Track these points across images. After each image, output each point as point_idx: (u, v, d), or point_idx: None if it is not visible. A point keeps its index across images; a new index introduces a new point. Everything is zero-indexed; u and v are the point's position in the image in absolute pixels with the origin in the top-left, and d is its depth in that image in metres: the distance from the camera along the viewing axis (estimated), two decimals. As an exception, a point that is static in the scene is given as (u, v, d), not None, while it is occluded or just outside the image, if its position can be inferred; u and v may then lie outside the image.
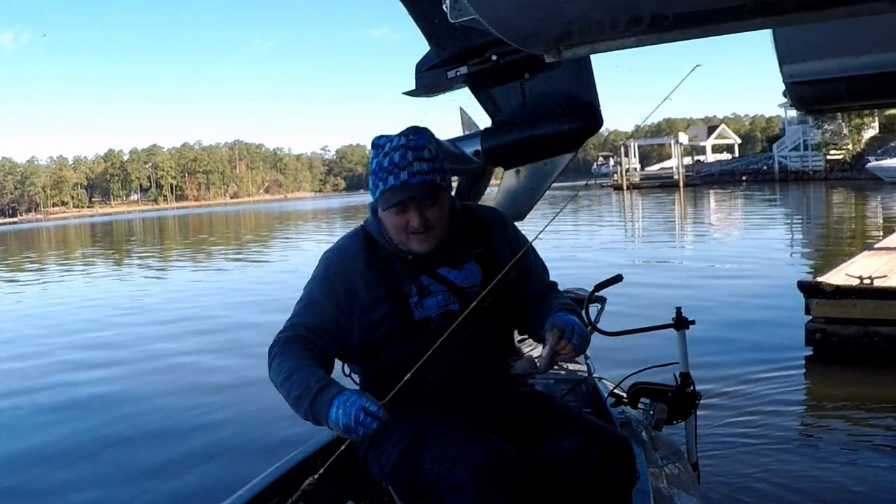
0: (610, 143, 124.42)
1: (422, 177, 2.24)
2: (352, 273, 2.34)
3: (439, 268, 2.34)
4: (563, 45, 1.92)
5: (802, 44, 3.76)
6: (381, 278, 2.32)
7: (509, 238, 2.49)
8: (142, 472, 5.62)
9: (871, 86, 3.97)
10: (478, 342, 2.32)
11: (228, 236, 41.28)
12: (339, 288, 2.33)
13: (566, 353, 2.21)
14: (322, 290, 2.36)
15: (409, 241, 2.30)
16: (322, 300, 2.35)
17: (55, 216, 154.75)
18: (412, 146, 2.25)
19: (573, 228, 26.98)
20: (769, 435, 5.36)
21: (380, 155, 2.28)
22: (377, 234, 2.38)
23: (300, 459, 2.74)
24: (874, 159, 48.68)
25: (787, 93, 4.23)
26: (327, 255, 2.44)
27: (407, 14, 3.71)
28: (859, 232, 20.73)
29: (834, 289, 7.34)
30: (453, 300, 2.31)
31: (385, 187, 2.25)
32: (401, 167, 2.23)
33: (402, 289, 2.31)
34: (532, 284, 2.49)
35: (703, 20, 1.74)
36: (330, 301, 2.33)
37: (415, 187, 2.23)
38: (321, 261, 2.44)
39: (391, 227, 2.31)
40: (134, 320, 13.14)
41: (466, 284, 2.34)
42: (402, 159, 2.24)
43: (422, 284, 2.32)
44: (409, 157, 2.24)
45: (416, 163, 2.24)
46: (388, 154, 2.26)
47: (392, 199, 2.24)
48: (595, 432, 2.29)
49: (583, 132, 3.65)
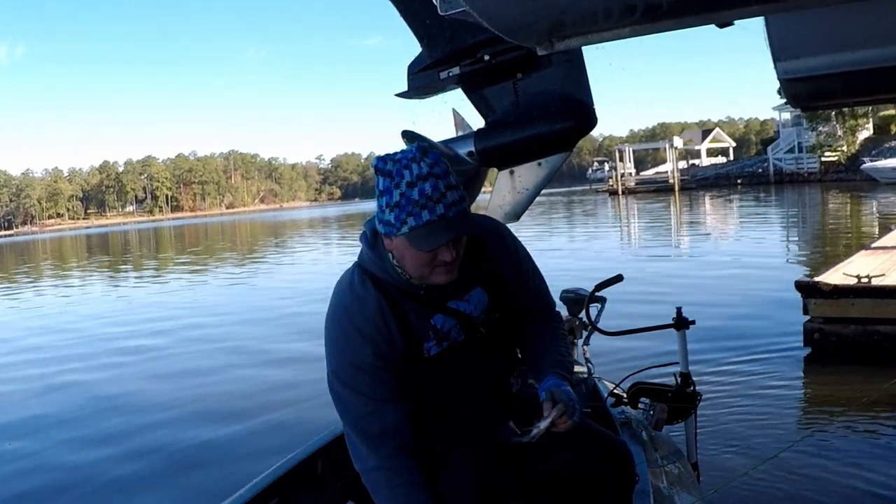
0: (605, 148, 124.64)
1: (456, 208, 2.01)
2: (383, 324, 2.13)
3: (449, 300, 2.19)
4: (555, 37, 1.88)
5: (796, 39, 3.74)
6: (395, 324, 2.13)
7: (510, 254, 2.33)
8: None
9: (867, 81, 3.95)
10: (480, 369, 2.25)
11: (253, 244, 41.22)
12: (379, 340, 2.11)
13: (564, 427, 2.08)
14: (367, 352, 2.12)
15: (431, 276, 2.08)
16: (373, 363, 2.12)
17: (51, 228, 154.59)
18: (438, 174, 2.00)
19: (571, 232, 26.99)
20: (769, 435, 5.33)
21: (402, 185, 1.99)
22: (381, 273, 2.15)
23: (300, 459, 2.71)
24: (869, 160, 48.77)
25: (782, 90, 4.20)
26: (345, 313, 2.16)
27: (400, 23, 3.70)
28: (855, 232, 20.74)
29: (832, 288, 7.32)
30: (460, 333, 2.20)
31: (418, 223, 1.97)
32: (434, 200, 1.98)
33: (416, 334, 2.15)
34: (528, 296, 2.36)
35: (698, 8, 1.71)
36: (381, 358, 2.12)
37: (453, 222, 2.00)
38: (339, 324, 2.16)
39: (413, 262, 2.06)
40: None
41: (477, 313, 2.23)
42: (434, 190, 1.98)
43: (436, 328, 2.17)
44: (441, 186, 1.99)
45: (448, 193, 1.99)
46: (416, 185, 1.98)
47: (433, 237, 1.99)
48: (590, 441, 2.23)
49: (577, 131, 3.63)
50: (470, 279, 2.20)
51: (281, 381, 8.27)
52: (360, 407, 2.13)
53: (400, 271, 2.12)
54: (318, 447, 2.78)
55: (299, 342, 10.29)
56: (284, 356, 9.70)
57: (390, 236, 2.05)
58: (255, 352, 10.31)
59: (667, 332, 3.42)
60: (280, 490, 2.56)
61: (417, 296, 2.16)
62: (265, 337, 11.35)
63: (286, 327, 11.90)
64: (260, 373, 8.92)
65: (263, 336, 11.44)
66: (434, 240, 1.99)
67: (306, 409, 6.76)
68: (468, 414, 2.26)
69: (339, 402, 2.15)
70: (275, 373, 8.80)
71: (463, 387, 2.22)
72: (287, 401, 7.36)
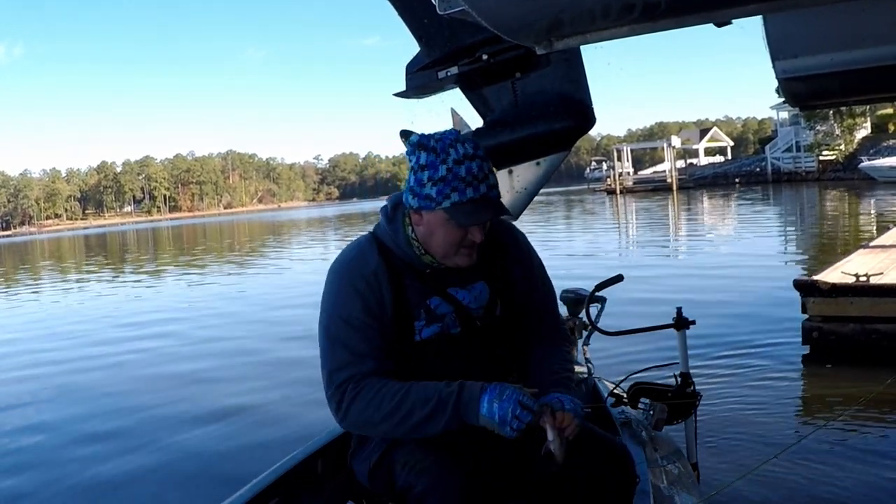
0: (603, 148, 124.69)
1: (496, 191, 2.11)
2: (377, 285, 2.16)
3: (450, 286, 2.21)
4: (554, 36, 1.87)
5: (795, 39, 3.73)
6: (389, 292, 2.16)
7: (522, 258, 2.35)
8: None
9: (865, 80, 3.95)
10: (476, 364, 2.22)
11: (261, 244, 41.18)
12: (369, 298, 2.14)
13: (569, 424, 2.06)
14: (356, 306, 2.15)
15: (455, 256, 2.14)
16: (362, 318, 2.14)
17: (49, 229, 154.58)
18: (482, 156, 2.09)
19: (569, 231, 27.00)
20: (768, 434, 5.33)
21: (448, 161, 2.05)
22: (392, 244, 2.20)
23: (300, 459, 2.70)
24: (867, 159, 48.83)
25: (781, 89, 4.20)
26: (345, 267, 2.22)
27: (398, 23, 3.69)
28: (853, 231, 20.76)
29: (830, 287, 7.31)
30: (456, 324, 2.21)
31: (462, 199, 2.04)
32: (479, 179, 2.06)
33: (409, 309, 2.17)
34: (534, 303, 2.36)
35: (697, 7, 1.70)
36: (369, 315, 2.14)
37: (494, 203, 2.09)
38: (338, 276, 2.21)
39: (444, 239, 2.12)
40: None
41: (474, 305, 2.23)
42: (479, 171, 2.06)
43: (429, 308, 2.19)
44: (486, 168, 2.08)
45: (490, 175, 2.09)
46: (463, 163, 2.05)
47: (475, 214, 2.07)
48: (589, 443, 2.20)
49: (575, 131, 3.62)
50: (476, 271, 2.23)
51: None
52: (340, 358, 2.14)
53: (416, 246, 2.17)
54: (318, 447, 2.77)
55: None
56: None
57: (424, 211, 2.10)
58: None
59: (667, 332, 3.41)
60: (280, 490, 2.55)
61: (420, 273, 2.19)
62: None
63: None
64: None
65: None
66: (476, 216, 2.07)
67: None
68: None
69: (323, 353, 2.17)
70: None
71: (462, 375, 2.18)
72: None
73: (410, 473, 2.10)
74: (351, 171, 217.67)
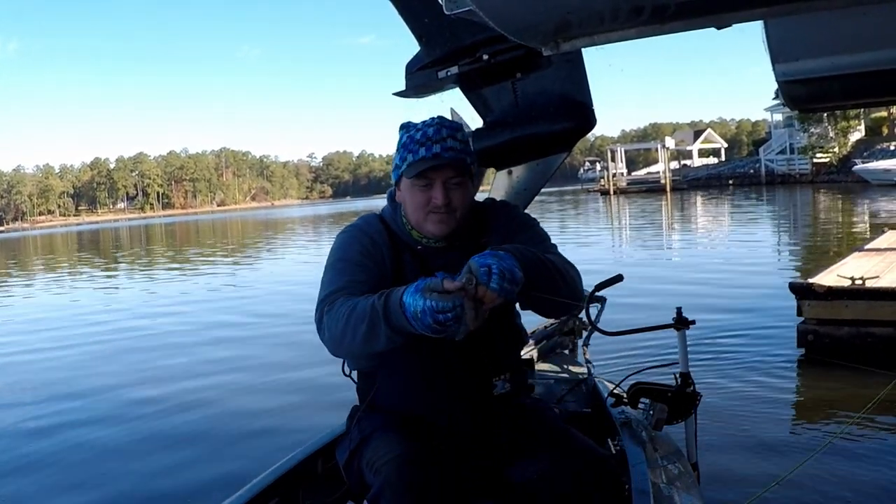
0: (596, 148, 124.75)
1: (454, 153, 2.20)
2: (379, 245, 2.29)
3: (440, 271, 2.21)
4: (561, 38, 1.87)
5: (795, 42, 3.73)
6: (389, 258, 2.28)
7: (501, 224, 2.38)
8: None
9: (865, 84, 3.95)
10: (459, 355, 2.24)
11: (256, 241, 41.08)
12: (370, 248, 2.28)
13: (487, 297, 1.89)
14: (355, 248, 2.28)
15: (426, 222, 2.25)
16: (359, 258, 2.26)
17: (42, 225, 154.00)
18: (447, 125, 2.23)
19: (564, 231, 27.01)
20: (766, 436, 5.35)
21: (412, 130, 2.23)
22: (391, 222, 2.35)
23: (300, 459, 2.70)
24: (860, 162, 49.00)
25: (780, 92, 4.20)
26: (350, 228, 2.38)
27: (393, 21, 3.68)
28: (847, 233, 20.80)
29: (826, 290, 7.32)
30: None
31: (415, 158, 2.19)
32: (434, 140, 2.19)
33: (405, 279, 2.18)
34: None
35: (705, 10, 1.70)
36: (367, 257, 2.26)
37: (445, 160, 2.18)
38: (344, 234, 2.36)
39: (412, 204, 2.25)
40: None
41: None
42: (436, 133, 2.20)
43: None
44: (444, 133, 2.20)
45: (449, 139, 2.20)
46: (422, 129, 2.21)
47: (421, 166, 2.18)
48: (570, 455, 2.17)
49: (576, 131, 3.62)
50: (465, 255, 2.15)
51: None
52: (328, 281, 2.22)
53: (405, 222, 2.32)
54: (318, 447, 2.77)
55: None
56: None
57: (398, 183, 2.29)
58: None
59: (667, 332, 3.41)
60: (280, 490, 2.55)
61: (416, 253, 2.31)
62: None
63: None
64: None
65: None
66: (421, 167, 2.17)
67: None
68: (437, 403, 2.27)
69: (321, 286, 2.24)
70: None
71: (441, 370, 2.24)
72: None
73: (370, 472, 2.14)
74: (344, 170, 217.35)
